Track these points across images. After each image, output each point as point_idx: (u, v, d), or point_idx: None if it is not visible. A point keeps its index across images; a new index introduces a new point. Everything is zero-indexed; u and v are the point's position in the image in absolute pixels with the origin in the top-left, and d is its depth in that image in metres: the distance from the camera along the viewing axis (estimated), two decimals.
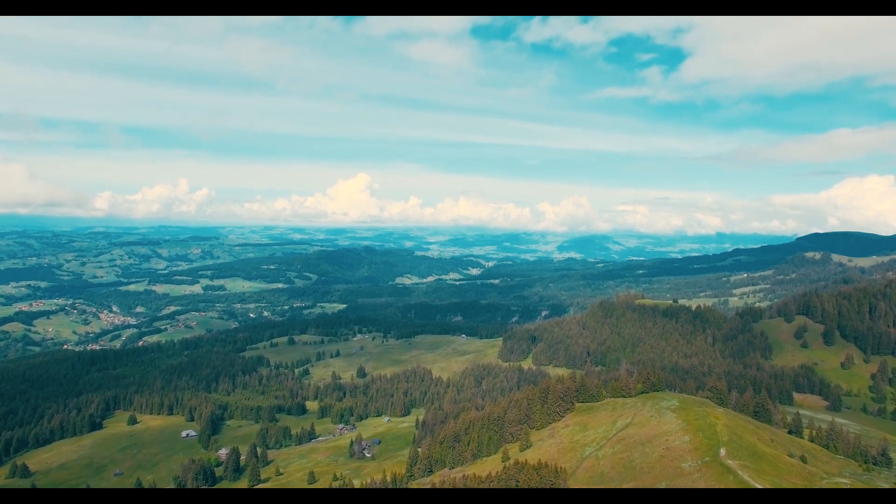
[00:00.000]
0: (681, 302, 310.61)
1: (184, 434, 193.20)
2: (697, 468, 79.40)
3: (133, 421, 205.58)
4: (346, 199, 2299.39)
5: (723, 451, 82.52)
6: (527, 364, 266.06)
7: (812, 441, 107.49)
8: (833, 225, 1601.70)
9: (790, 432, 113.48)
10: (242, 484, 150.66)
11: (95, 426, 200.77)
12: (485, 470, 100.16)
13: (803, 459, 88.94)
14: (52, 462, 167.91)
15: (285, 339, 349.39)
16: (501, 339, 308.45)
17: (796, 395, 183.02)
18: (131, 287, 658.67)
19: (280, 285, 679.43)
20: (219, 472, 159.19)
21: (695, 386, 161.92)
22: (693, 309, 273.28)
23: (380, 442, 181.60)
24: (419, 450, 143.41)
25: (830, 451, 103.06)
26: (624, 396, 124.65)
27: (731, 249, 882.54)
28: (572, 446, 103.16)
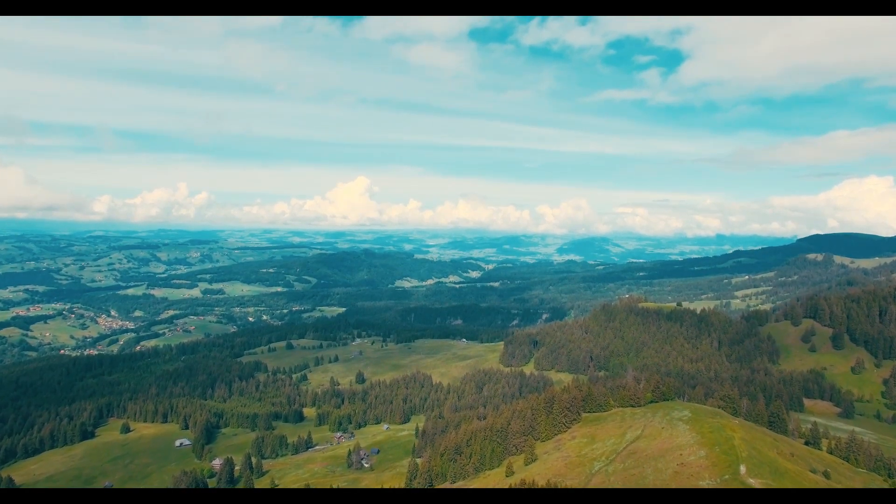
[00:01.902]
0: (683, 304, 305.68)
1: (177, 443, 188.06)
2: (716, 487, 74.55)
3: (126, 429, 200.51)
4: (346, 203, 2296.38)
5: (743, 469, 77.65)
6: (528, 369, 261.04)
7: (831, 453, 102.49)
8: (833, 226, 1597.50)
9: (807, 443, 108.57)
10: None
11: (87, 435, 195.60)
12: (488, 485, 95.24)
13: (826, 475, 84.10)
14: (39, 474, 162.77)
15: (283, 343, 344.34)
16: (502, 343, 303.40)
17: (806, 402, 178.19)
18: (130, 291, 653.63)
19: (279, 289, 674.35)
20: (212, 483, 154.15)
21: (703, 392, 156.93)
22: (697, 312, 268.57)
23: (378, 451, 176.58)
24: (418, 461, 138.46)
25: (851, 463, 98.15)
26: (633, 406, 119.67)
27: (731, 251, 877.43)
28: (580, 460, 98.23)
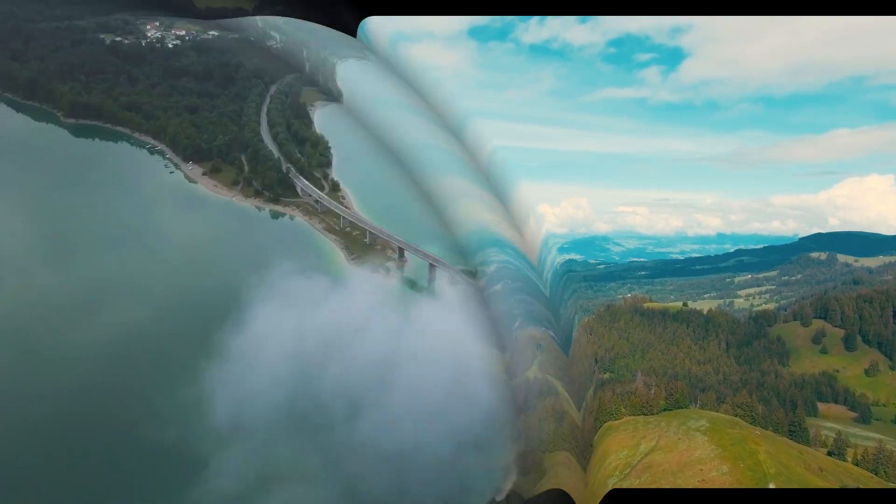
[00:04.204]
0: (687, 304, 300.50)
1: None
2: None
3: None
4: None
5: (772, 487, 72.34)
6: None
7: (857, 465, 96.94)
8: (834, 225, 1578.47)
9: (829, 454, 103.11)
10: None
11: None
12: None
13: None
14: None
15: None
16: None
17: (819, 406, 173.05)
18: None
19: None
20: None
21: (714, 397, 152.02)
22: (704, 313, 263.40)
23: None
24: None
25: (881, 477, 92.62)
26: (645, 414, 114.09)
27: (732, 250, 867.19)
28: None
